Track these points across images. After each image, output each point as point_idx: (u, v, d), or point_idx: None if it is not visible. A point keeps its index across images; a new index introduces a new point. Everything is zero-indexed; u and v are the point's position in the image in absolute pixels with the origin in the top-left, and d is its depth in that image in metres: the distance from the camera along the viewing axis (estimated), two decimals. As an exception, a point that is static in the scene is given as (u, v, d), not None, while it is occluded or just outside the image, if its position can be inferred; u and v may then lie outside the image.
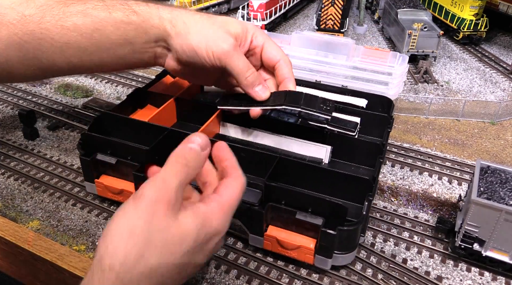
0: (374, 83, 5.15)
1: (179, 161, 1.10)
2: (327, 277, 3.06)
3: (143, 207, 1.00)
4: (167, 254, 1.00)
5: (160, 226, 1.00)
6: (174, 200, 1.04)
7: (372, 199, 3.03)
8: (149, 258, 0.97)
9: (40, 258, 1.52)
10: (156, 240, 0.98)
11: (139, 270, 0.96)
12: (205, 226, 1.06)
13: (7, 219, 1.52)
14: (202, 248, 1.07)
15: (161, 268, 0.99)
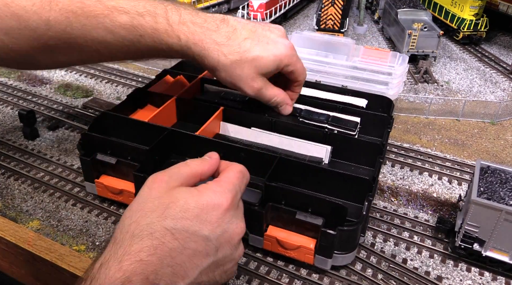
0: (374, 83, 5.15)
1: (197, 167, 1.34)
2: (327, 277, 3.06)
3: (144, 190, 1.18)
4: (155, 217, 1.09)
5: (151, 196, 1.14)
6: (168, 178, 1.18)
7: (372, 199, 3.03)
8: (139, 222, 1.08)
9: (40, 258, 1.52)
10: (147, 207, 1.10)
11: (131, 232, 1.07)
12: (197, 196, 1.15)
13: (7, 219, 1.52)
14: (197, 216, 1.13)
15: (151, 229, 1.06)
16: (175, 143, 3.94)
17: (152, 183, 1.15)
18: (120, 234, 1.05)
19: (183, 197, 1.13)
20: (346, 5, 7.79)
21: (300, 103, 3.99)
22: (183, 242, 1.09)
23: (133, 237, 1.05)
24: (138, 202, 1.11)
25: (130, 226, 1.07)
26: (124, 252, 1.03)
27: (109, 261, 1.01)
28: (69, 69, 6.69)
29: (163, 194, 1.12)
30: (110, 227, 4.26)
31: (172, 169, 1.21)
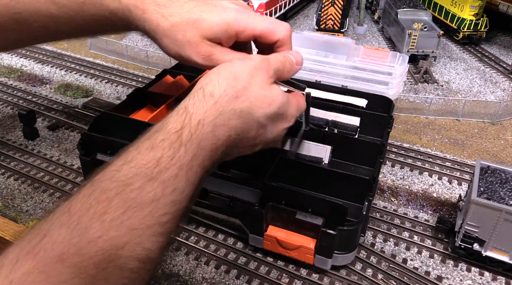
0: (374, 83, 5.15)
1: (279, 57, 1.26)
2: (327, 277, 3.06)
3: (251, 64, 1.14)
4: (255, 106, 1.11)
5: (258, 84, 1.12)
6: (271, 74, 1.18)
7: (372, 199, 3.04)
8: (242, 102, 1.08)
9: (40, 258, 1.51)
10: (252, 91, 1.10)
11: (233, 106, 1.07)
12: (287, 104, 1.20)
13: (7, 219, 1.52)
14: (277, 120, 1.19)
15: (249, 115, 1.10)
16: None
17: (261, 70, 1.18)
18: (221, 99, 1.07)
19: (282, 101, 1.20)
20: (346, 5, 7.79)
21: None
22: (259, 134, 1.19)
23: (234, 113, 1.07)
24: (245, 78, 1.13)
25: (234, 100, 1.09)
26: (222, 122, 1.06)
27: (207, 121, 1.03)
28: (69, 69, 6.69)
29: (266, 86, 1.17)
30: (110, 227, 4.24)
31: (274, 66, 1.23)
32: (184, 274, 3.73)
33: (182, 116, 1.03)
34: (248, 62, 1.16)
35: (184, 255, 3.91)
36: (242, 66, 1.14)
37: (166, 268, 3.78)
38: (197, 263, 3.89)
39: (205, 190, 3.65)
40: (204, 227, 4.15)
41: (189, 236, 4.06)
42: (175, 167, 0.96)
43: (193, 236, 4.06)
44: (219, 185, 3.74)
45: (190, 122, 1.01)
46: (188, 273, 3.75)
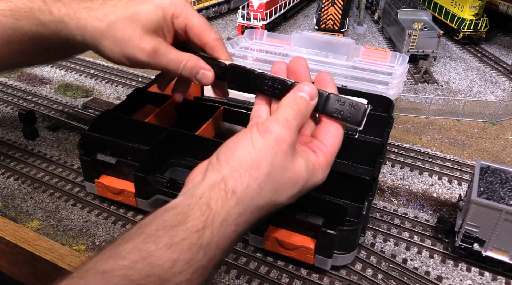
0: (374, 83, 5.15)
1: (293, 106, 1.14)
2: (327, 277, 3.06)
3: (272, 142, 1.05)
4: (279, 193, 1.07)
5: (281, 165, 1.06)
6: (294, 140, 1.10)
7: (372, 199, 3.04)
8: (266, 193, 1.04)
9: (40, 258, 1.51)
10: (275, 177, 1.05)
11: (257, 202, 1.03)
12: (313, 177, 1.16)
13: (7, 219, 1.52)
14: (304, 191, 1.17)
15: (270, 204, 1.06)
16: (175, 143, 3.95)
17: (283, 143, 1.07)
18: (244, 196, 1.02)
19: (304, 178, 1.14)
20: (346, 5, 7.79)
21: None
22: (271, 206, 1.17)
23: (257, 207, 1.05)
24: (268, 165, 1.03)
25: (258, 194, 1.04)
26: (245, 219, 1.03)
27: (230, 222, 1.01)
28: (69, 69, 6.69)
29: (290, 165, 1.08)
30: (110, 227, 4.27)
31: (294, 117, 1.12)
32: (184, 274, 3.71)
33: (205, 213, 0.98)
34: (268, 136, 1.06)
35: (184, 255, 3.89)
36: (263, 147, 1.04)
37: (166, 268, 3.76)
38: (197, 263, 3.88)
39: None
40: (204, 227, 4.14)
41: (189, 236, 4.03)
42: (190, 270, 0.93)
43: (193, 236, 4.05)
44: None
45: (213, 223, 0.98)
46: (188, 273, 3.73)
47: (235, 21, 8.42)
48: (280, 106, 1.15)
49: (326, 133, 1.19)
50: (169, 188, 3.69)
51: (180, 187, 4.18)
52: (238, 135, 1.11)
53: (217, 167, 1.07)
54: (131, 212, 4.34)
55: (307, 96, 1.16)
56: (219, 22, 9.93)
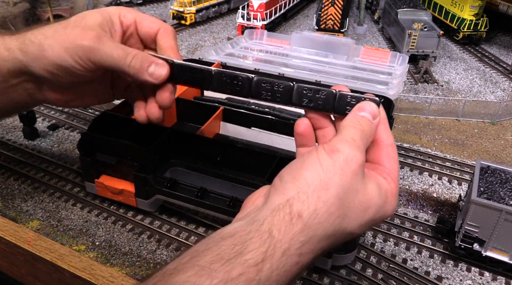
0: (374, 83, 5.15)
1: (356, 126, 1.05)
2: (327, 277, 3.06)
3: (341, 163, 0.96)
4: (349, 219, 0.96)
5: (351, 187, 0.96)
6: (364, 163, 1.00)
7: (372, 199, 3.03)
8: (335, 219, 0.93)
9: (40, 258, 1.51)
10: (345, 201, 0.95)
11: (325, 228, 0.93)
12: (386, 205, 1.03)
13: (7, 219, 1.52)
14: (372, 223, 1.01)
15: (339, 232, 0.95)
16: (175, 143, 3.95)
17: (352, 163, 0.98)
18: (311, 221, 0.92)
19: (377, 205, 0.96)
20: (346, 5, 7.80)
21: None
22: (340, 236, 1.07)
23: (325, 235, 0.94)
24: (337, 187, 0.95)
25: (326, 219, 0.94)
26: (310, 248, 0.92)
27: (293, 251, 0.90)
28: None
29: (361, 187, 0.99)
30: (110, 227, 4.27)
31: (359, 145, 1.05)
32: (184, 274, 3.72)
33: (265, 243, 0.89)
34: (337, 156, 0.98)
35: (184, 255, 3.89)
36: (331, 167, 0.96)
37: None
38: (197, 263, 3.88)
39: (205, 190, 3.65)
40: (204, 227, 4.16)
41: (189, 236, 4.06)
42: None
43: (193, 236, 4.06)
44: (219, 185, 3.75)
45: (273, 254, 0.88)
46: (188, 273, 3.73)
47: (235, 21, 8.42)
48: (343, 127, 1.06)
49: (387, 157, 1.08)
50: (169, 188, 3.69)
51: (180, 187, 4.20)
52: (304, 156, 1.02)
53: (281, 189, 0.96)
54: (131, 212, 4.34)
55: (370, 116, 1.07)
56: (219, 22, 9.94)
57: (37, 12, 9.93)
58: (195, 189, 3.62)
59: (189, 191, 3.67)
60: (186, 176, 3.84)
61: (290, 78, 4.96)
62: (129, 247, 3.87)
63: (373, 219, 0.99)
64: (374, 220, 1.00)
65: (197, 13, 8.94)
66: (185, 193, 3.67)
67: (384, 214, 1.02)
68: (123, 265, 3.73)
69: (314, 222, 0.91)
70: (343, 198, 0.94)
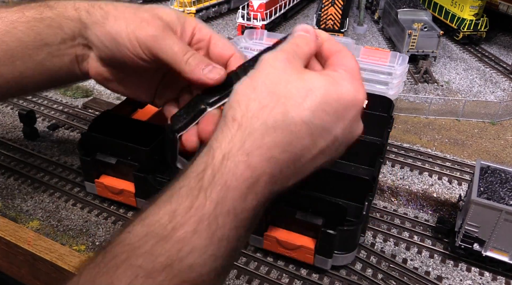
0: (374, 83, 5.15)
1: (289, 43, 0.99)
2: (327, 277, 3.06)
3: (265, 67, 0.93)
4: (290, 105, 0.88)
5: (281, 78, 0.91)
6: (292, 58, 0.94)
7: (372, 199, 3.04)
8: (273, 108, 0.87)
9: (40, 258, 1.51)
10: (278, 90, 0.89)
11: (262, 120, 0.86)
12: (336, 86, 0.92)
13: (7, 219, 1.52)
14: (337, 112, 0.91)
15: (287, 121, 0.87)
16: (175, 143, 3.93)
17: (274, 60, 0.93)
18: (245, 118, 0.87)
19: (322, 86, 0.94)
20: (346, 5, 7.80)
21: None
22: (315, 140, 0.92)
23: (267, 128, 0.88)
24: (264, 83, 0.89)
25: (261, 112, 0.87)
26: (255, 144, 0.87)
27: (234, 152, 0.85)
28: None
29: (294, 77, 0.94)
30: (110, 227, 4.27)
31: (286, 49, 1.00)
32: (184, 274, 3.72)
33: (206, 155, 0.86)
34: (261, 65, 0.95)
35: (184, 255, 3.90)
36: (256, 73, 0.94)
37: (166, 268, 3.77)
38: (197, 263, 3.89)
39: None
40: (204, 227, 4.14)
41: (189, 236, 4.04)
42: (192, 221, 0.79)
43: (193, 236, 4.05)
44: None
45: (213, 160, 0.84)
46: (188, 273, 3.74)
47: (235, 21, 8.42)
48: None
49: (338, 58, 1.01)
50: (169, 188, 3.67)
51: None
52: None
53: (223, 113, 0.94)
54: (131, 212, 4.34)
55: (301, 32, 1.00)
56: (219, 22, 9.93)
57: (37, 12, 9.91)
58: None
59: (189, 191, 3.66)
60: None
61: None
62: (129, 247, 3.86)
63: (327, 101, 0.90)
64: (330, 104, 0.91)
65: (197, 13, 8.94)
66: (185, 193, 3.66)
67: (339, 96, 0.92)
68: (123, 265, 3.72)
69: (248, 117, 0.86)
70: (275, 90, 0.89)
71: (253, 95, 0.88)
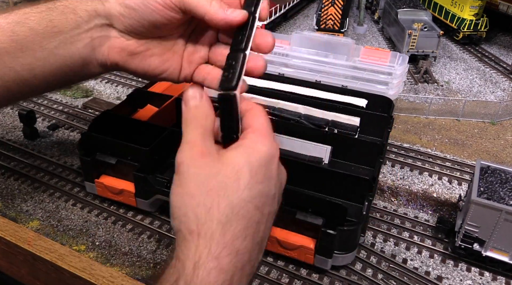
0: (374, 83, 5.15)
1: (187, 121, 1.05)
2: (327, 277, 3.06)
3: (186, 170, 0.95)
4: (231, 193, 0.93)
5: (208, 174, 0.94)
6: (206, 149, 0.99)
7: (372, 199, 3.04)
8: (218, 205, 0.91)
9: (40, 258, 1.51)
10: (212, 186, 0.93)
11: (216, 220, 0.90)
12: (254, 153, 0.98)
13: (7, 219, 1.52)
14: (265, 175, 0.98)
15: (235, 209, 0.92)
16: (175, 143, 3.93)
17: (192, 159, 0.95)
18: (201, 225, 0.91)
19: (243, 161, 0.97)
20: (346, 5, 7.80)
21: (300, 103, 3.99)
22: (263, 209, 0.97)
23: (223, 225, 0.91)
24: (197, 185, 0.94)
25: (210, 214, 0.91)
26: (219, 245, 0.90)
27: (204, 260, 0.89)
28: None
29: (217, 165, 0.95)
30: (110, 227, 4.27)
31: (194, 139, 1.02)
32: (184, 274, 3.72)
33: (175, 266, 0.89)
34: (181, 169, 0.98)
35: (184, 255, 3.90)
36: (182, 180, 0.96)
37: (166, 268, 3.77)
38: (197, 263, 3.89)
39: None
40: (204, 227, 4.14)
41: (189, 236, 4.04)
42: None
43: (193, 236, 4.05)
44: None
45: (184, 270, 0.87)
46: (188, 273, 3.74)
47: (235, 21, 8.42)
48: (182, 129, 1.05)
49: (250, 118, 1.06)
50: (169, 188, 3.67)
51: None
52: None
53: (175, 235, 0.98)
54: (131, 212, 4.34)
55: (191, 102, 1.06)
56: (219, 22, 9.87)
57: (37, 12, 9.93)
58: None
59: (189, 191, 3.67)
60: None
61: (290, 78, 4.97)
62: (129, 247, 3.88)
63: (255, 172, 0.96)
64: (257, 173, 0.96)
65: (197, 13, 8.95)
66: (185, 193, 3.67)
67: (260, 161, 0.98)
68: (123, 265, 3.73)
69: (202, 223, 0.89)
70: (211, 188, 0.92)
71: (194, 202, 0.91)
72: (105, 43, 1.29)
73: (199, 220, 0.89)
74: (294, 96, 4.30)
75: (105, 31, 1.28)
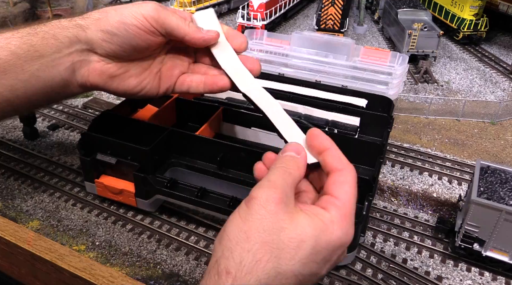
0: (374, 83, 5.15)
1: (278, 166, 1.04)
2: (327, 277, 3.06)
3: (256, 208, 0.95)
4: (283, 258, 0.92)
5: (275, 226, 0.93)
6: (285, 197, 0.97)
7: (372, 199, 3.04)
8: (266, 263, 0.90)
9: (40, 258, 1.51)
10: (271, 240, 0.92)
11: (256, 276, 0.90)
12: (326, 233, 0.97)
13: (7, 219, 1.53)
14: (325, 258, 0.97)
15: (279, 276, 0.92)
16: (175, 143, 3.95)
17: (267, 201, 0.93)
18: (239, 273, 0.89)
19: (311, 234, 0.96)
20: (346, 5, 7.80)
21: (300, 103, 3.99)
22: (303, 283, 1.00)
23: (260, 284, 0.89)
24: (258, 230, 0.92)
25: (255, 267, 0.89)
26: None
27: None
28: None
29: (286, 221, 0.94)
30: (110, 227, 4.27)
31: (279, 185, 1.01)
32: (184, 274, 3.73)
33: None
34: (253, 203, 0.96)
35: (184, 255, 3.91)
36: (249, 215, 0.95)
37: (166, 268, 3.78)
38: (197, 263, 3.89)
39: (205, 190, 3.66)
40: (204, 227, 4.16)
41: (189, 236, 4.06)
42: None
43: (193, 236, 4.07)
44: (219, 185, 3.75)
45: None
46: (188, 273, 3.75)
47: (235, 21, 8.42)
48: (269, 170, 1.06)
49: (334, 185, 1.05)
50: (169, 188, 3.69)
51: (180, 187, 4.21)
52: (233, 212, 1.00)
53: (213, 253, 0.97)
54: (131, 212, 4.33)
55: (293, 153, 1.07)
56: (219, 22, 9.87)
57: (37, 12, 9.94)
58: (195, 189, 3.62)
59: (189, 191, 3.67)
60: (186, 176, 3.85)
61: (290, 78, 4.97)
62: (129, 247, 3.88)
63: (317, 251, 0.95)
64: (319, 253, 0.96)
65: (197, 13, 8.95)
66: (185, 193, 3.68)
67: (328, 243, 0.97)
68: (123, 265, 3.73)
69: (242, 274, 0.89)
70: (269, 241, 0.91)
71: (247, 246, 0.90)
72: (85, 66, 1.34)
73: (242, 266, 0.89)
74: (294, 96, 4.30)
75: (86, 55, 1.32)
